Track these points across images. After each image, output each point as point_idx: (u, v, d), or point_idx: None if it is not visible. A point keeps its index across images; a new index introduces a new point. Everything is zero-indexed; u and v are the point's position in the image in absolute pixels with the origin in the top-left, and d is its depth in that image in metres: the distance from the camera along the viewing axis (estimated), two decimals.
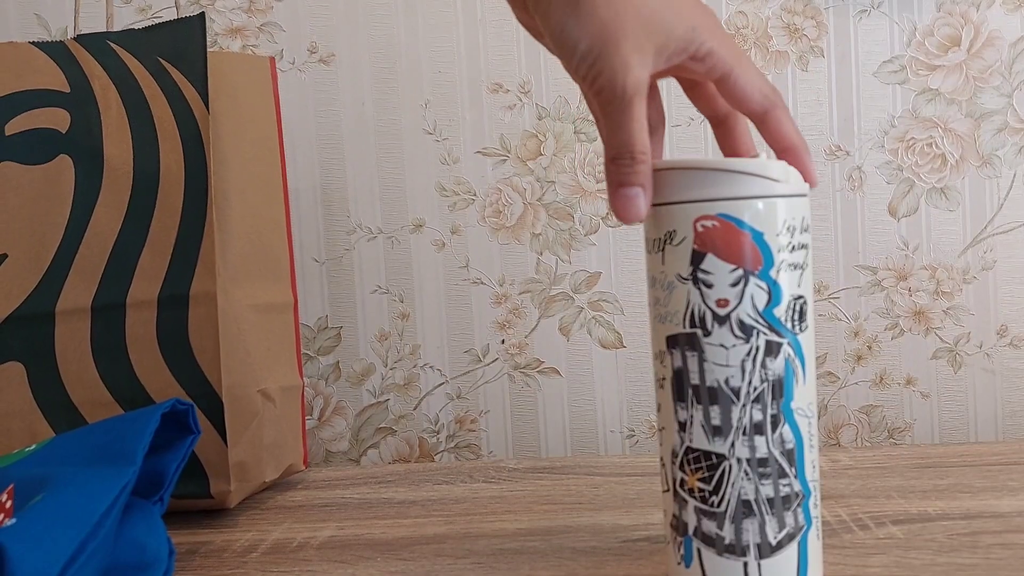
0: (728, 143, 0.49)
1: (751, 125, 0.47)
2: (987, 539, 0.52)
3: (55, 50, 0.66)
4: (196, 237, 0.64)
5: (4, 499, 0.45)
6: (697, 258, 0.42)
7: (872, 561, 0.50)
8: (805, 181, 0.44)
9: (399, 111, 0.87)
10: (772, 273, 0.42)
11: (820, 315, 0.86)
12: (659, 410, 0.46)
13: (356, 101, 0.87)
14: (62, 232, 0.65)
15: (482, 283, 0.88)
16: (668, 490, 0.46)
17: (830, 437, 0.86)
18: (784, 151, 0.45)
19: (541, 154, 0.86)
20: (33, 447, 0.53)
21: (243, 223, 0.68)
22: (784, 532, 0.43)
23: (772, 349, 0.42)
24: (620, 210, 0.42)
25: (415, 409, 0.89)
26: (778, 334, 0.42)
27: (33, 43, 0.67)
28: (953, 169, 0.84)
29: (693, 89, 0.48)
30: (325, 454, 0.90)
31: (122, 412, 0.64)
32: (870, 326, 0.85)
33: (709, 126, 0.50)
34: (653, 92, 0.47)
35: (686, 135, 0.85)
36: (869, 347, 0.86)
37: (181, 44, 0.65)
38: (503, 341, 0.88)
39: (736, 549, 0.43)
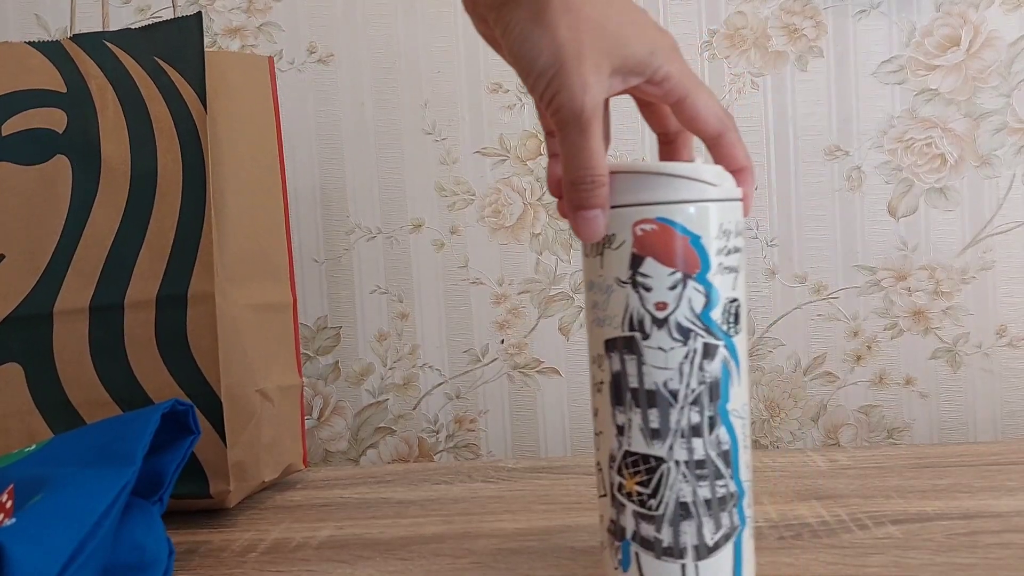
0: (673, 160, 0.50)
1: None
2: (985, 539, 0.52)
3: (51, 50, 0.66)
4: (194, 237, 0.64)
5: (4, 499, 0.45)
6: (636, 262, 0.42)
7: (870, 561, 0.50)
8: (744, 209, 0.45)
9: (398, 111, 0.87)
10: (709, 276, 0.42)
11: (819, 315, 0.86)
12: (596, 415, 0.46)
13: (355, 101, 0.87)
14: (59, 232, 0.65)
15: (481, 283, 0.88)
16: (605, 495, 0.46)
17: (829, 437, 0.86)
18: (735, 172, 0.46)
19: (540, 154, 0.86)
20: (33, 447, 0.53)
21: (241, 223, 0.68)
22: (720, 533, 0.44)
23: (709, 351, 0.43)
24: (580, 231, 0.43)
25: (414, 409, 0.89)
26: (715, 336, 0.43)
27: (29, 43, 0.66)
28: (952, 169, 0.84)
29: (646, 107, 0.49)
30: (324, 454, 0.90)
31: (120, 412, 0.64)
32: (869, 326, 0.85)
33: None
34: (605, 108, 0.48)
35: None
36: (868, 347, 0.86)
37: (178, 44, 0.65)
38: (502, 341, 0.88)
39: (674, 552, 0.43)
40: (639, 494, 0.44)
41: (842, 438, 0.86)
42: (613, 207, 0.43)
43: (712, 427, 0.43)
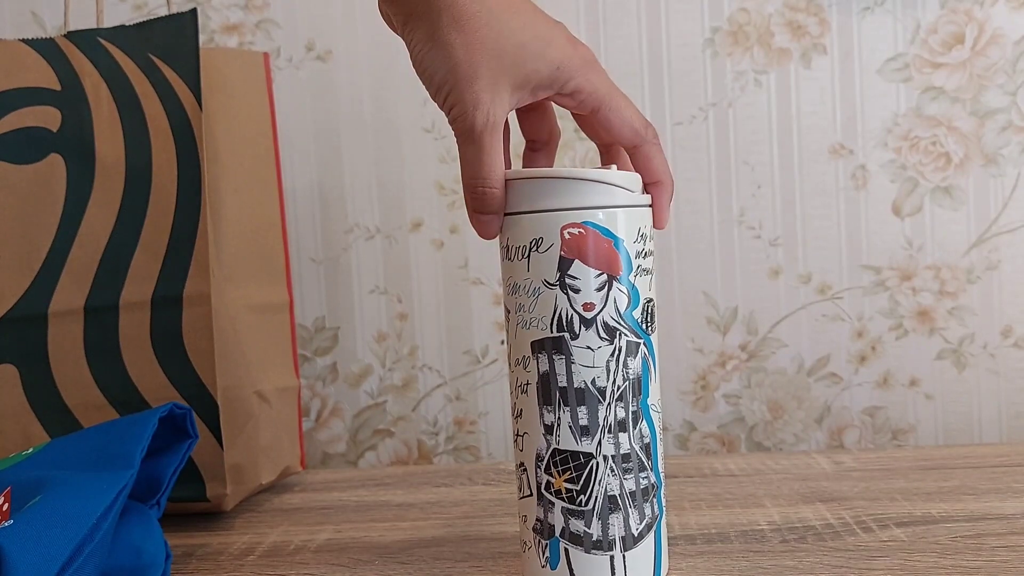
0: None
1: None
2: (991, 541, 0.52)
3: (45, 47, 0.66)
4: (190, 237, 0.63)
5: (1, 502, 0.45)
6: (564, 264, 0.44)
7: (876, 564, 0.50)
8: (657, 221, 0.48)
9: (397, 109, 0.87)
10: (631, 277, 0.45)
11: (823, 315, 0.85)
12: (519, 416, 0.47)
13: (354, 99, 0.87)
14: (54, 232, 0.64)
15: (481, 283, 0.87)
16: (530, 495, 0.47)
17: (833, 439, 0.86)
18: (650, 184, 0.48)
19: None
20: (30, 450, 0.53)
21: (238, 222, 0.67)
22: (644, 522, 0.46)
23: (632, 349, 0.45)
24: (477, 230, 0.47)
25: (413, 411, 0.88)
26: (636, 335, 0.45)
27: (23, 40, 0.66)
28: (957, 168, 0.83)
29: (581, 119, 0.50)
30: (323, 456, 0.89)
31: (116, 414, 0.63)
32: (874, 326, 0.85)
33: (712, 122, 0.50)
34: (542, 110, 0.50)
35: (688, 133, 0.84)
36: (873, 348, 0.85)
37: (173, 41, 0.64)
38: (503, 342, 0.87)
39: (603, 544, 0.45)
40: (568, 491, 0.45)
41: (846, 440, 0.86)
42: (540, 211, 0.45)
43: (636, 421, 0.46)
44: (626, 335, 0.45)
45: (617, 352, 0.45)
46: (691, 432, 0.87)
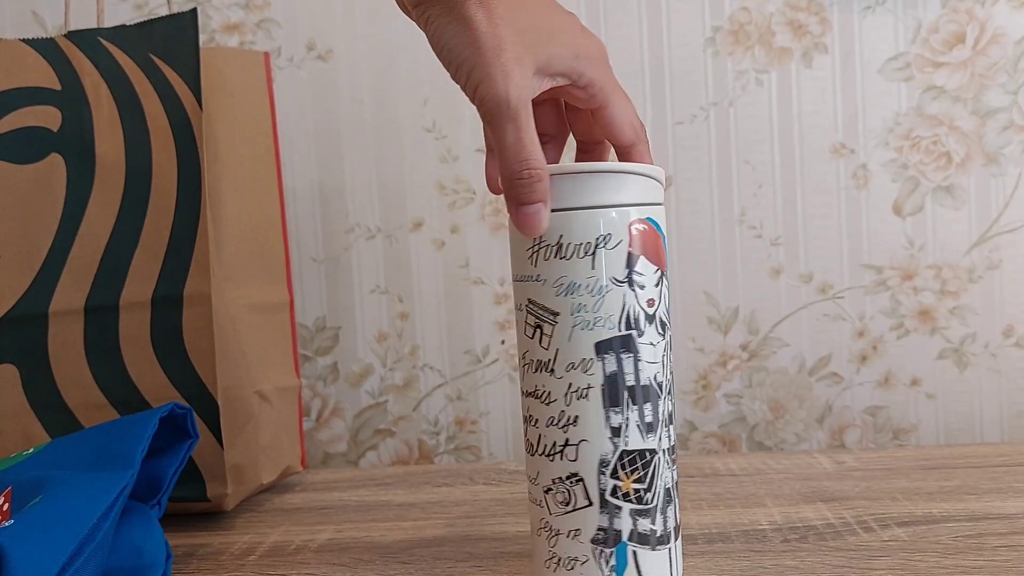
0: None
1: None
2: (993, 541, 0.52)
3: (46, 47, 0.66)
4: (190, 236, 0.63)
5: (1, 502, 0.45)
6: (631, 260, 0.44)
7: (877, 564, 0.50)
8: None
9: (398, 108, 0.87)
10: (667, 273, 0.46)
11: (825, 315, 0.85)
12: (572, 423, 0.44)
13: (355, 98, 0.87)
14: (54, 232, 0.64)
15: (482, 283, 0.87)
16: (588, 505, 0.44)
17: (834, 439, 0.86)
18: None
19: None
20: (31, 451, 0.53)
21: (238, 221, 0.67)
22: (679, 509, 0.47)
23: (670, 343, 0.46)
24: (523, 227, 0.43)
25: (414, 410, 0.88)
26: (670, 328, 0.46)
27: (23, 40, 0.66)
28: (958, 167, 0.83)
29: (572, 112, 0.49)
30: (323, 456, 0.89)
31: (116, 414, 0.63)
32: (875, 326, 0.85)
33: (713, 122, 0.50)
34: (551, 105, 0.48)
35: (689, 133, 0.84)
36: (874, 347, 0.85)
37: (173, 40, 0.64)
38: (503, 342, 0.87)
39: (665, 538, 0.45)
40: (636, 491, 0.44)
41: (848, 440, 0.86)
42: (608, 207, 0.43)
43: (673, 413, 0.47)
44: (670, 329, 0.46)
45: (667, 346, 0.45)
46: (692, 432, 0.87)
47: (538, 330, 0.45)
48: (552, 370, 0.44)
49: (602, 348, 0.44)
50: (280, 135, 0.78)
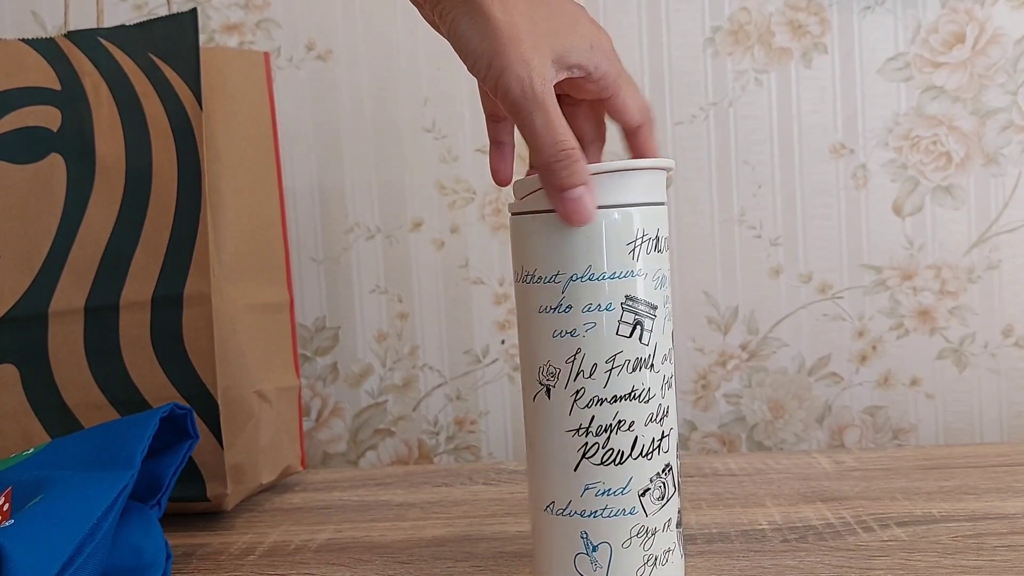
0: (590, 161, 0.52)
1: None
2: (992, 541, 0.52)
3: (46, 47, 0.66)
4: (190, 236, 0.63)
5: (1, 502, 0.45)
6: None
7: (876, 564, 0.50)
8: None
9: (398, 108, 0.87)
10: None
11: (824, 315, 0.85)
12: (666, 415, 0.45)
13: (354, 99, 0.87)
14: (54, 232, 0.64)
15: (482, 283, 0.87)
16: (675, 492, 0.46)
17: (834, 439, 0.86)
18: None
19: None
20: (31, 451, 0.53)
21: (238, 221, 0.67)
22: None
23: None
24: (571, 215, 0.41)
25: (414, 410, 0.88)
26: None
27: (23, 40, 0.66)
28: (958, 167, 0.83)
29: (570, 106, 0.48)
30: (323, 456, 0.89)
31: (116, 414, 0.63)
32: (874, 326, 0.85)
33: (712, 122, 0.50)
34: (584, 105, 0.48)
35: (688, 133, 0.84)
36: (874, 347, 0.85)
37: (173, 40, 0.64)
38: (503, 341, 0.87)
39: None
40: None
41: (847, 439, 0.86)
42: (662, 203, 0.45)
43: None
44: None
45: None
46: (692, 432, 0.87)
47: (637, 327, 0.44)
48: (652, 365, 0.44)
49: (672, 338, 0.46)
50: (280, 135, 0.78)
